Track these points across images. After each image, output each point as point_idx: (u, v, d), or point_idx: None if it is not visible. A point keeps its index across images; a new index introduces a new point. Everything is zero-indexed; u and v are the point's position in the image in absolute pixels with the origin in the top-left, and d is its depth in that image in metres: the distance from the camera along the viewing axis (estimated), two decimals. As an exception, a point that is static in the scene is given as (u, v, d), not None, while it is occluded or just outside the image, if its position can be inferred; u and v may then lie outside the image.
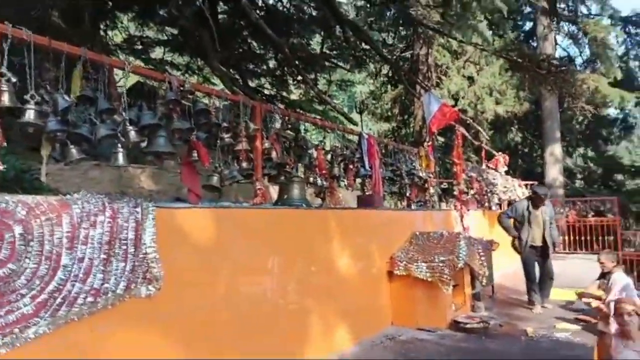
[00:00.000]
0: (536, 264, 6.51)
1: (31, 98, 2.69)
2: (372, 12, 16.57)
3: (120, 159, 3.16)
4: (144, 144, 3.48)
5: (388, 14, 16.42)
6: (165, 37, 14.09)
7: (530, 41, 19.76)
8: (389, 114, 21.64)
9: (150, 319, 2.80)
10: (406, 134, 20.53)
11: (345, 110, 17.85)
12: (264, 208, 4.09)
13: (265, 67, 15.47)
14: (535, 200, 6.41)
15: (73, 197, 2.48)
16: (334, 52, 15.81)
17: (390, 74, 19.89)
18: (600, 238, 13.00)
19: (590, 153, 22.26)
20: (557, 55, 17.72)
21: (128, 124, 3.16)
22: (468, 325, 5.25)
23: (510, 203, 13.72)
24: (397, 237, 5.90)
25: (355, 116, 18.32)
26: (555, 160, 17.29)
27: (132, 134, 3.18)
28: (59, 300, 2.32)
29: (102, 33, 12.25)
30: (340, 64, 16.25)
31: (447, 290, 5.23)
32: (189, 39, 12.84)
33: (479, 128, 13.77)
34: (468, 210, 8.92)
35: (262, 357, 3.56)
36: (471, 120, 13.36)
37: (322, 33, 15.60)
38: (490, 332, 5.19)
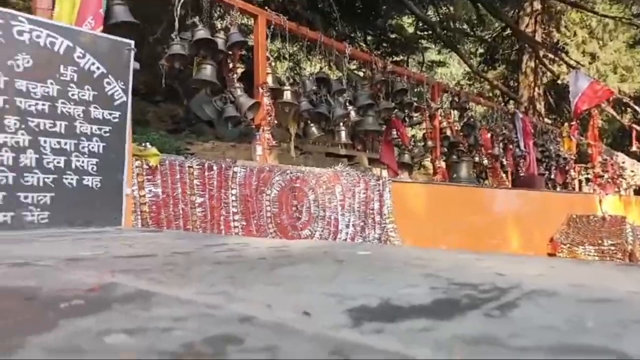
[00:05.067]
0: None
1: (287, 80, 2.95)
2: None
3: (343, 136, 3.37)
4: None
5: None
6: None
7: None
8: (490, 94, 20.82)
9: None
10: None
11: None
12: (454, 185, 4.18)
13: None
14: None
15: (339, 170, 2.70)
16: (425, 32, 15.49)
17: (489, 54, 19.13)
18: None
19: None
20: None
21: (349, 105, 3.37)
22: None
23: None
24: (554, 219, 5.76)
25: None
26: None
27: (352, 114, 3.39)
28: (335, 262, 2.57)
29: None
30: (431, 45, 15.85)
31: (621, 275, 5.04)
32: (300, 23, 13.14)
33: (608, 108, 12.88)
34: (607, 194, 8.46)
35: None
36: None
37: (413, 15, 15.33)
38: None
